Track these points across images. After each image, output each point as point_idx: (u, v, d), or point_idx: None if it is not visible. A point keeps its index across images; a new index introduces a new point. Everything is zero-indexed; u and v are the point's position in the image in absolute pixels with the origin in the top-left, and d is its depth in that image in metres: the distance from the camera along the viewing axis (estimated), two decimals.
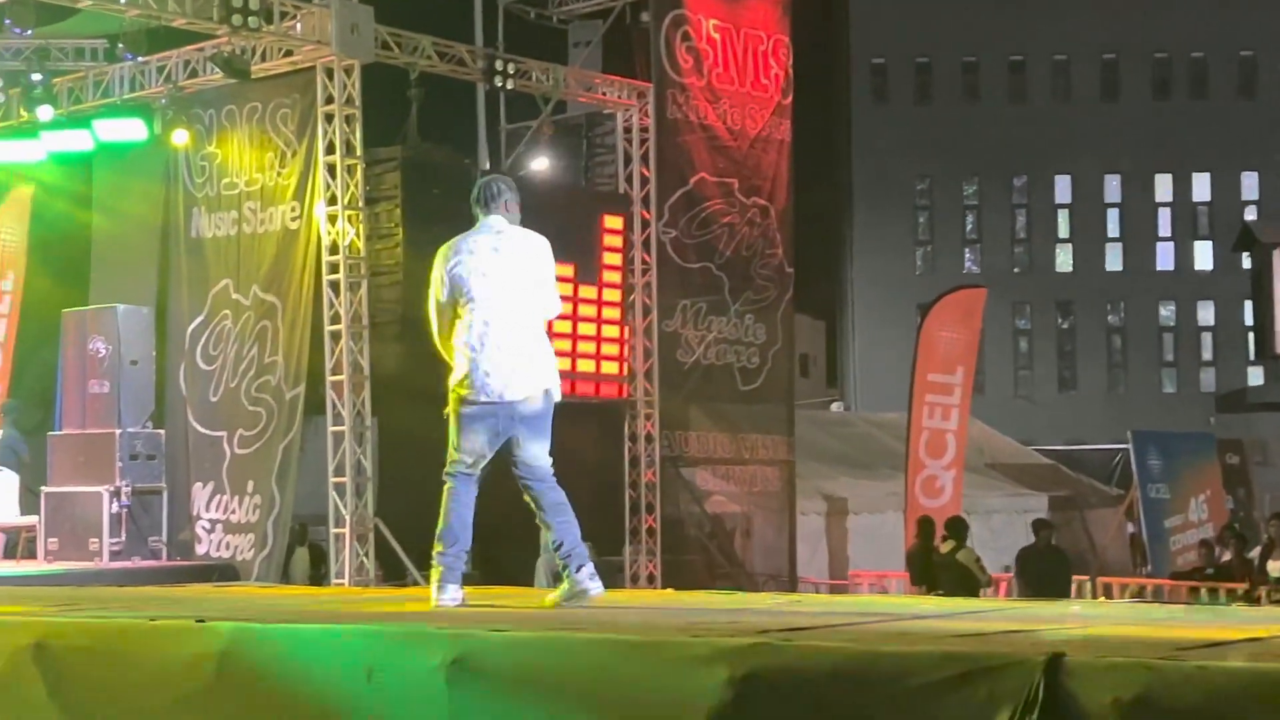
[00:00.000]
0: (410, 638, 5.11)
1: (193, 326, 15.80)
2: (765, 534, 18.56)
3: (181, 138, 15.58)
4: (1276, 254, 36.62)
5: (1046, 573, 16.20)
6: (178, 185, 16.11)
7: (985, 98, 39.27)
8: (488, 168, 17.45)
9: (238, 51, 14.71)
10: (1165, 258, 39.71)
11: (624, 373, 17.44)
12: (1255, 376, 38.60)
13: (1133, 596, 17.36)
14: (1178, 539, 21.61)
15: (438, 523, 7.46)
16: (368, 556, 14.54)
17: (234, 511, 15.16)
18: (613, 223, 17.26)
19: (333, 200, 14.66)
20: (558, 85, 17.11)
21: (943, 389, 19.69)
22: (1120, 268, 39.53)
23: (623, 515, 17.53)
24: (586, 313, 17.25)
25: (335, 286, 14.66)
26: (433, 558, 7.30)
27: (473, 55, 16.36)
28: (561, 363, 17.59)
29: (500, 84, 16.37)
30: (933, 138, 38.16)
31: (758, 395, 18.44)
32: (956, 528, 15.48)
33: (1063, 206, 39.92)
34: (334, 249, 14.67)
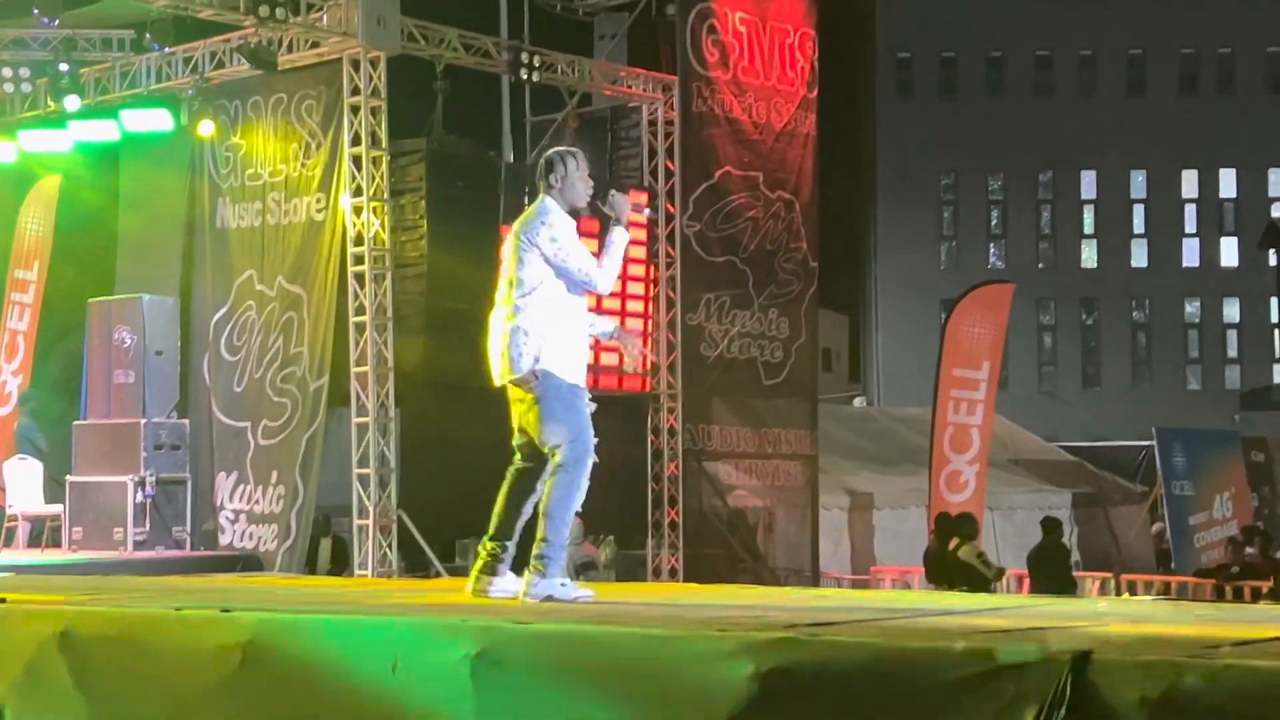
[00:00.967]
0: (435, 629, 5.11)
1: (217, 317, 15.83)
2: (787, 529, 18.54)
3: (207, 129, 15.62)
4: None
5: (1054, 571, 16.26)
6: (203, 176, 16.15)
7: (1011, 93, 39.14)
8: (511, 160, 17.46)
9: (264, 43, 14.73)
10: (1191, 254, 39.55)
11: (647, 366, 17.43)
12: None
13: (1158, 594, 17.31)
14: (1202, 536, 21.53)
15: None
16: (391, 548, 14.56)
17: (258, 502, 15.20)
18: (636, 217, 17.24)
19: (358, 192, 14.67)
20: (583, 78, 17.10)
21: (968, 384, 19.64)
22: (1145, 264, 39.39)
23: (645, 509, 17.53)
24: (610, 306, 17.25)
25: (360, 278, 14.68)
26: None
27: (498, 48, 16.36)
28: (587, 354, 17.55)
29: (525, 76, 16.36)
30: (958, 132, 38.06)
31: (781, 389, 18.42)
32: (960, 524, 15.48)
33: (1088, 202, 39.78)
34: (359, 241, 14.69)
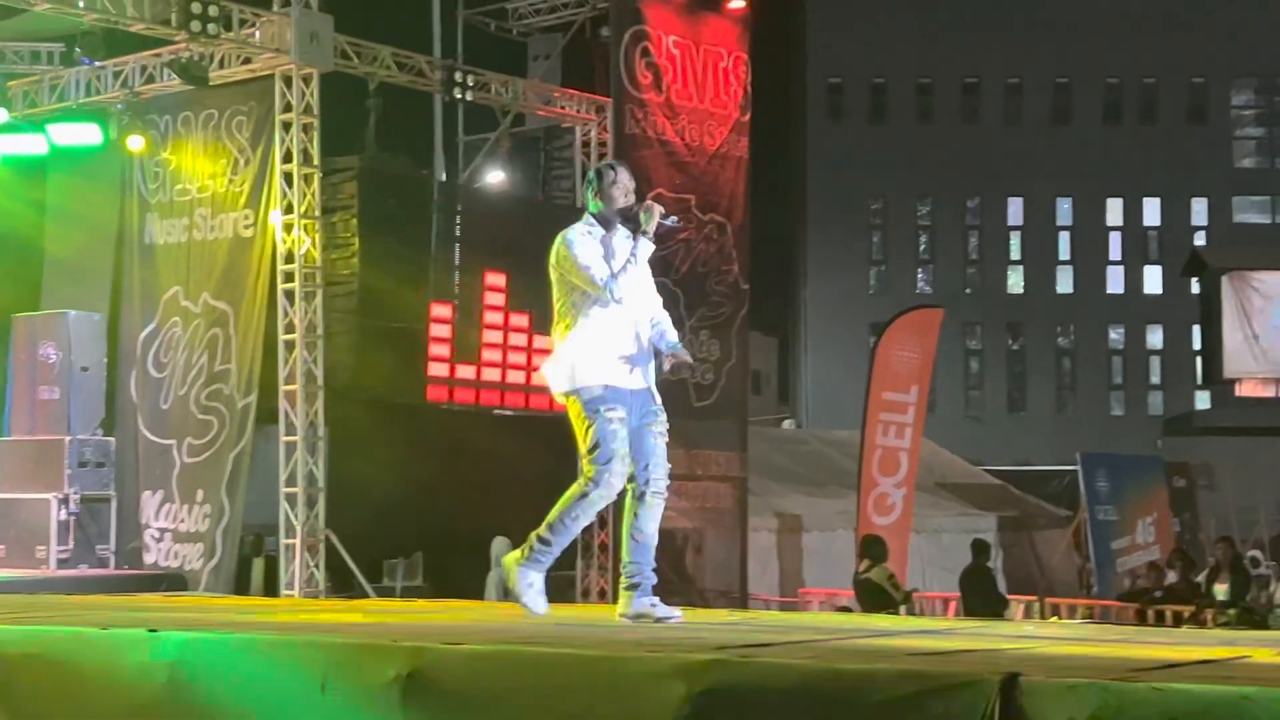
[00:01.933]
0: (365, 650, 5.08)
1: (144, 333, 15.68)
2: (716, 550, 18.57)
3: (137, 143, 15.49)
4: (1225, 279, 37.01)
5: (985, 591, 16.45)
6: (132, 191, 16.01)
7: (940, 119, 39.52)
8: (444, 179, 17.43)
9: (195, 58, 14.64)
10: (1115, 281, 40.05)
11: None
12: (1202, 401, 38.97)
13: (1081, 618, 17.47)
14: (1125, 561, 21.77)
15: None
16: (318, 568, 14.46)
17: (183, 520, 15.05)
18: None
19: (289, 209, 14.59)
20: (516, 98, 17.11)
21: (897, 407, 19.78)
22: (1071, 290, 39.85)
23: None
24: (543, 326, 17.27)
25: (290, 295, 14.59)
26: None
27: (432, 66, 16.34)
28: (513, 374, 17.53)
29: (459, 95, 16.36)
30: (887, 158, 38.37)
31: (711, 411, 18.46)
32: (871, 546, 15.59)
33: (1015, 228, 40.20)
34: (289, 258, 14.61)
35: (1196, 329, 38.76)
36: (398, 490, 15.32)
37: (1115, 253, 39.99)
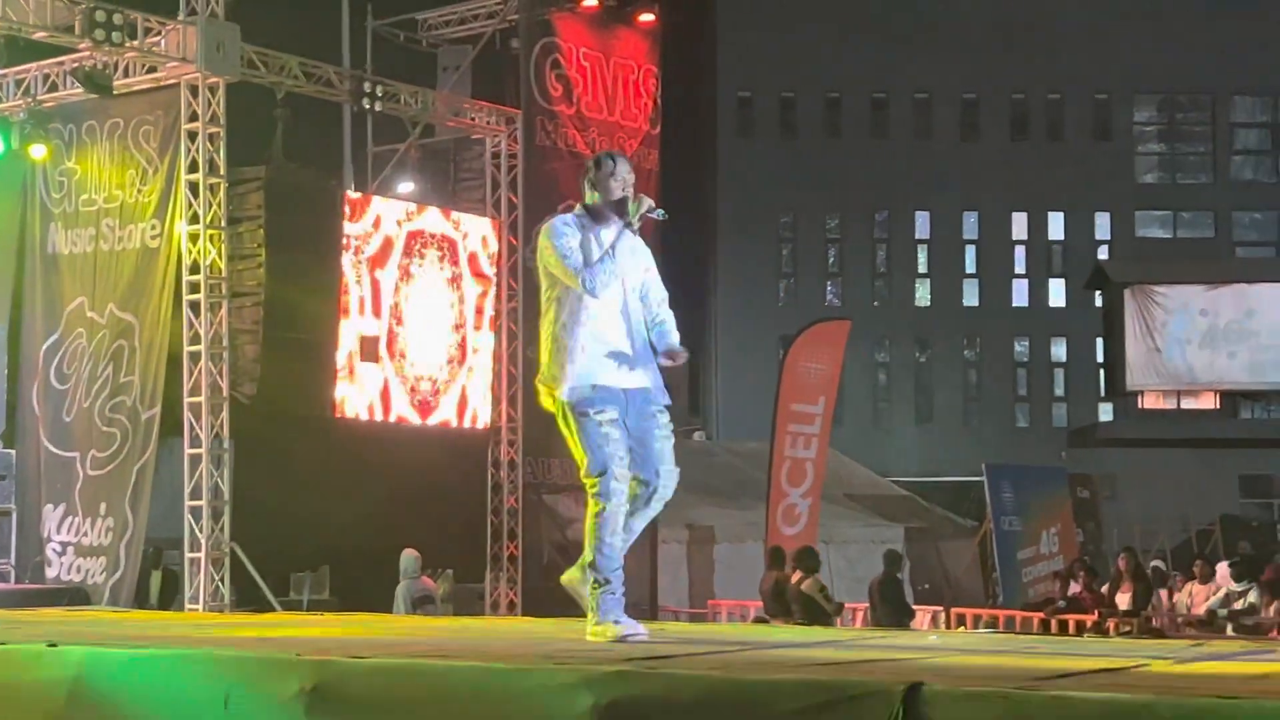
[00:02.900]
0: (269, 664, 5.04)
1: (47, 344, 15.46)
2: (626, 562, 18.53)
3: (39, 152, 15.26)
4: (1128, 293, 37.63)
5: (892, 603, 16.58)
6: (34, 200, 15.78)
7: (848, 133, 39.84)
8: (353, 189, 17.33)
9: (99, 66, 14.47)
10: (1020, 294, 40.52)
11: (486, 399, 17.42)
12: (1105, 412, 39.52)
13: (985, 627, 17.64)
14: (1029, 571, 22.02)
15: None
16: (223, 581, 14.31)
17: (85, 534, 14.85)
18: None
19: (194, 219, 14.45)
20: (426, 109, 17.06)
21: (805, 418, 19.91)
22: (977, 303, 40.27)
23: (484, 542, 17.47)
24: (447, 339, 17.20)
25: (195, 307, 14.45)
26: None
27: (340, 76, 16.26)
28: (425, 386, 17.44)
29: (368, 106, 16.29)
30: (797, 171, 38.60)
31: None
32: (803, 558, 15.68)
33: (922, 242, 40.58)
34: (194, 269, 14.47)
35: (1100, 342, 39.35)
36: (304, 503, 15.20)
37: (1020, 266, 40.48)
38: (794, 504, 19.56)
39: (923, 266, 40.64)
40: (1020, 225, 40.28)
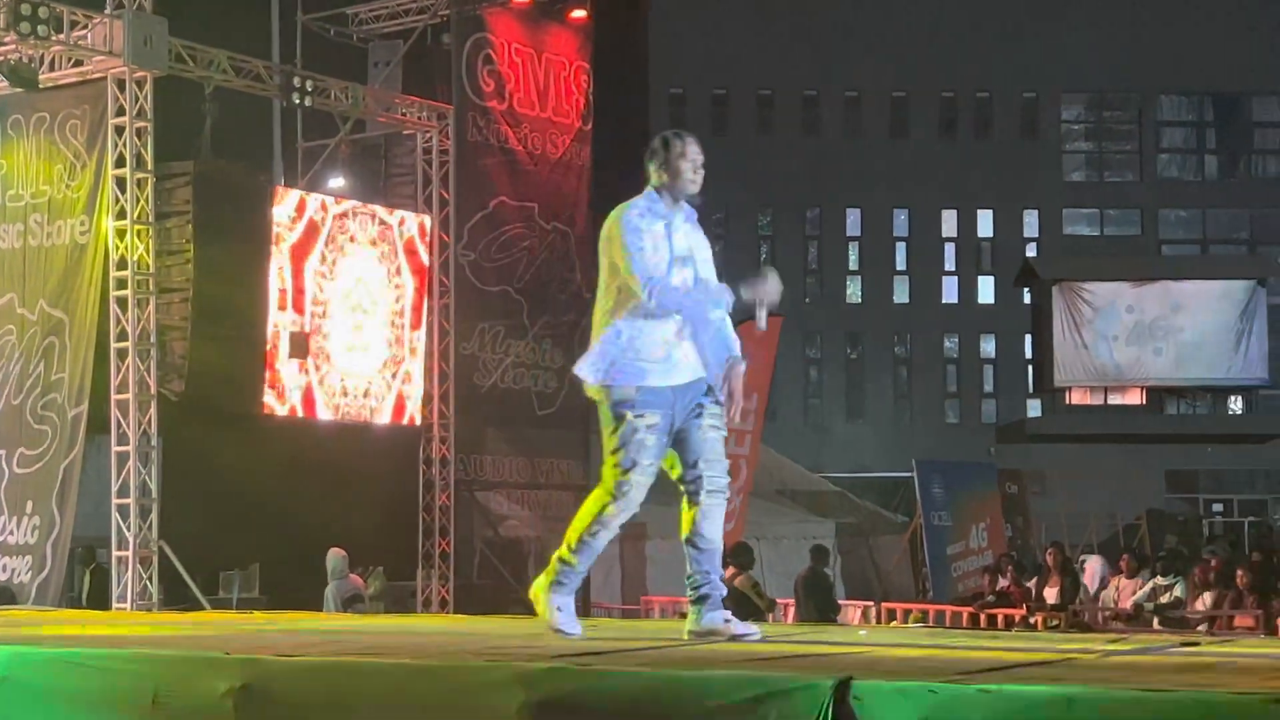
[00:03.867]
0: (197, 663, 5.00)
1: None
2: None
3: None
4: (1056, 290, 38.00)
5: (819, 598, 16.70)
6: None
7: (780, 131, 39.97)
8: (283, 184, 17.22)
9: (25, 60, 14.29)
10: (950, 291, 40.80)
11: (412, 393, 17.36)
12: (1034, 408, 39.87)
13: (916, 622, 17.77)
14: (959, 566, 22.20)
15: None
16: (151, 580, 14.19)
17: (11, 533, 14.67)
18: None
19: (122, 215, 14.31)
20: (356, 104, 16.97)
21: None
22: (907, 300, 40.52)
23: (415, 540, 17.41)
24: (380, 335, 17.12)
25: (123, 303, 14.31)
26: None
27: (269, 71, 16.14)
28: (356, 384, 17.34)
29: (298, 101, 16.18)
30: (728, 168, 38.63)
31: (554, 419, 18.47)
32: (738, 554, 15.74)
33: (853, 239, 40.78)
34: (122, 264, 14.33)
35: (1028, 338, 39.70)
36: (234, 501, 15.09)
37: (950, 263, 40.77)
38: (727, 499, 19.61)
39: (854, 263, 40.85)
40: (950, 223, 40.56)
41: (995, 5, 38.93)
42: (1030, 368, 39.91)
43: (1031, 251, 40.04)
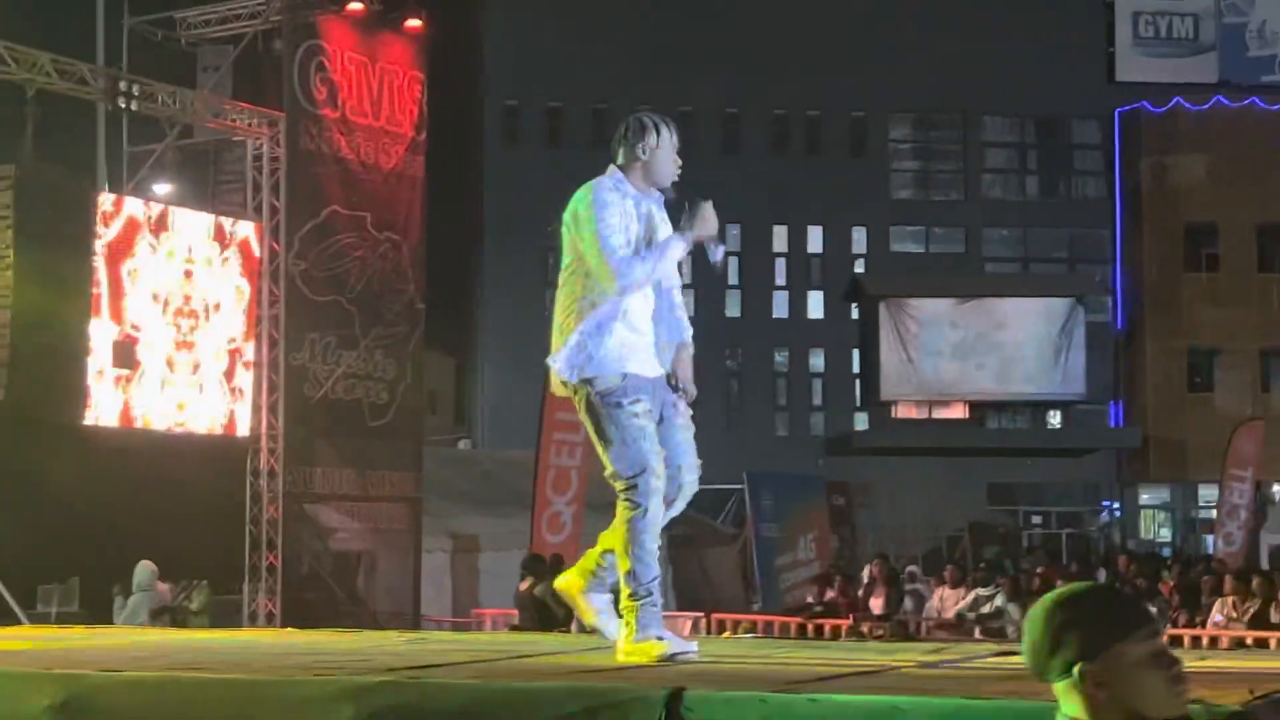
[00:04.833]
0: (15, 679, 4.87)
1: None
2: (389, 572, 18.42)
3: None
4: (883, 306, 38.70)
5: None
6: None
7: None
8: (107, 189, 16.85)
9: None
10: (781, 306, 41.27)
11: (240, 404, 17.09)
12: (861, 422, 40.49)
13: (746, 632, 17.93)
14: (788, 577, 22.47)
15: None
16: None
17: None
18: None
19: None
20: (185, 109, 16.68)
21: (570, 427, 19.94)
22: (739, 314, 40.90)
23: (241, 552, 17.13)
24: (211, 345, 16.83)
25: None
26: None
27: (94, 74, 15.80)
28: (182, 394, 17.00)
29: (124, 105, 15.85)
30: (563, 181, 38.41)
31: (386, 431, 18.32)
32: (533, 565, 15.80)
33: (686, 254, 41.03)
34: None
35: (856, 353, 40.33)
36: (54, 513, 14.71)
37: (780, 278, 41.24)
38: (558, 511, 19.63)
39: (687, 277, 41.10)
40: (781, 238, 41.04)
41: (826, 26, 39.52)
42: (858, 382, 40.52)
43: (860, 268, 40.69)
